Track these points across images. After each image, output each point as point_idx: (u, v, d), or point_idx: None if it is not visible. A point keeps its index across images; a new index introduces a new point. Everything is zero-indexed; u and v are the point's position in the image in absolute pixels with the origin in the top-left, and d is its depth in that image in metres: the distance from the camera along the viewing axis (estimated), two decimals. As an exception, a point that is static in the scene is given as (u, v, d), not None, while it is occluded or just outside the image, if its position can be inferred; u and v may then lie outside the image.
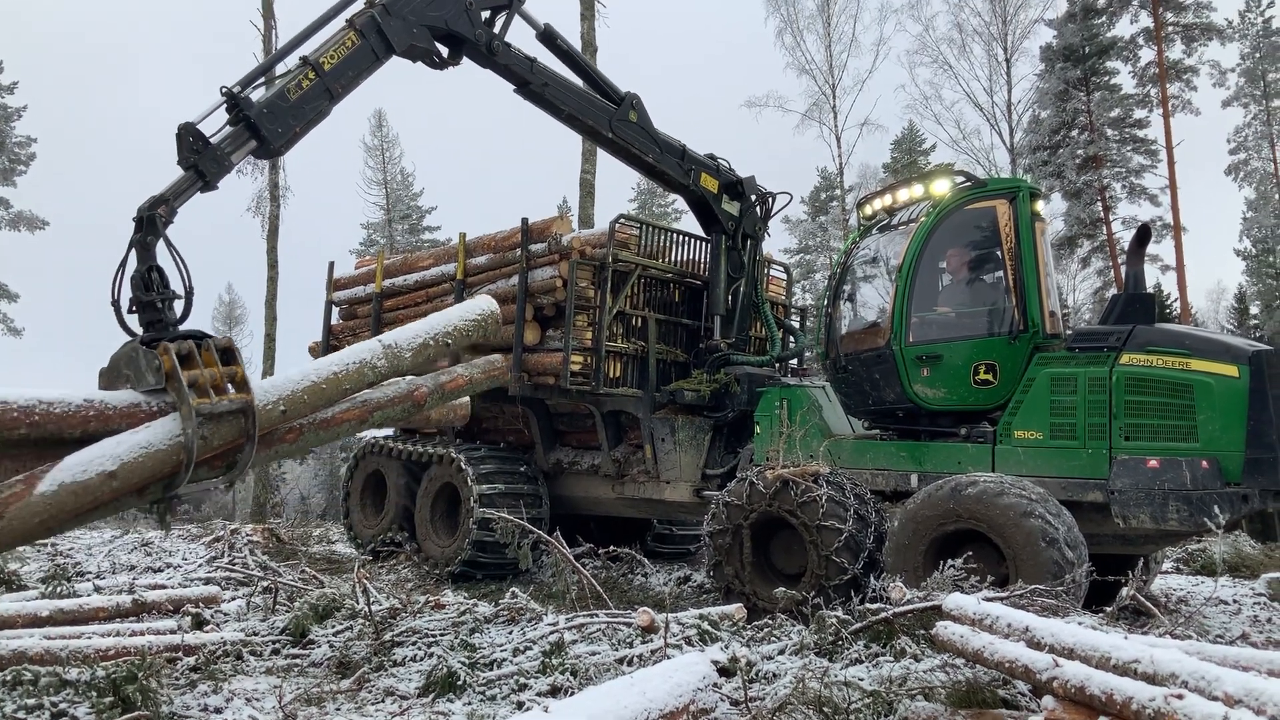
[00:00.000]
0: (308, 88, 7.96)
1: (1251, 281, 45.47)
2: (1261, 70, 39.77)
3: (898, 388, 8.68)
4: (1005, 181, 9.06)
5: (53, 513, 5.55)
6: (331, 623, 7.41)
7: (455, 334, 7.58)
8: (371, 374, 6.98)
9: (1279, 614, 8.65)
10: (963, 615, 4.83)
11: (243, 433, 6.10)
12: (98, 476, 5.57)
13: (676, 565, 12.02)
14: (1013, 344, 8.29)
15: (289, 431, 6.65)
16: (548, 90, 9.77)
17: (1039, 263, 8.42)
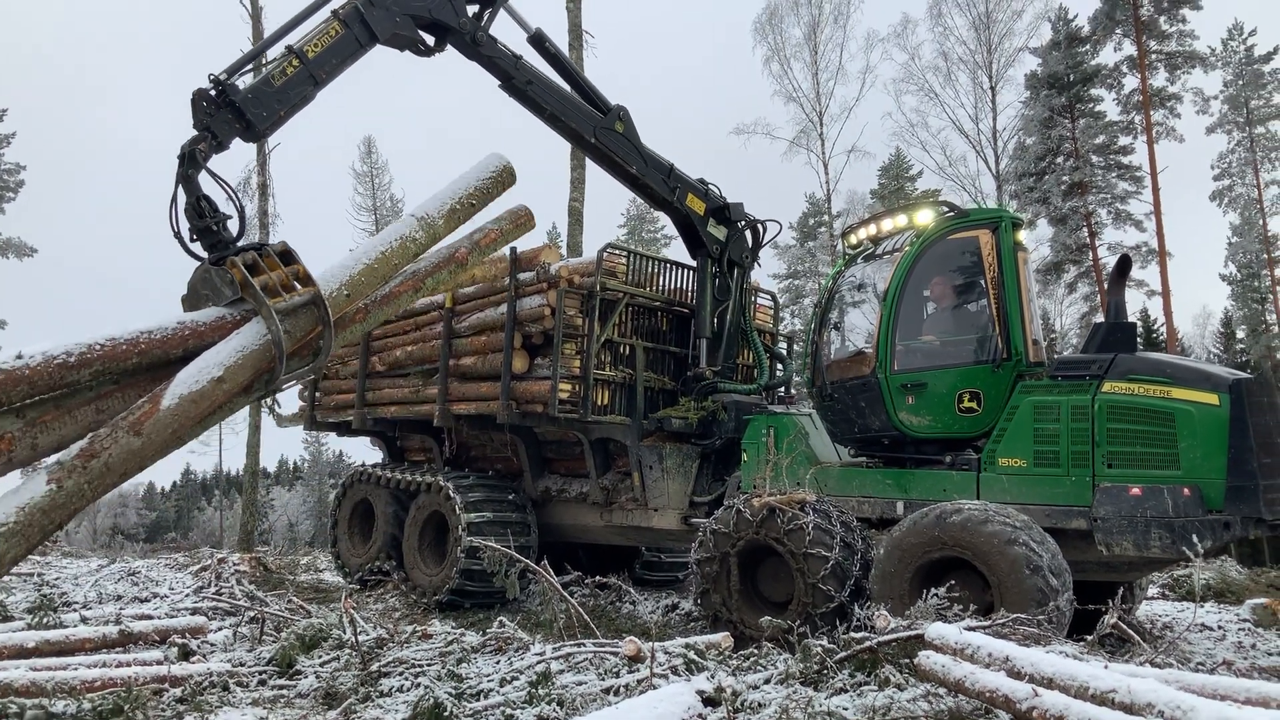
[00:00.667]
0: (291, 74, 8.29)
1: (1237, 306, 45.74)
2: (1244, 97, 40.15)
3: (883, 415, 8.74)
4: (987, 212, 9.18)
5: (181, 421, 6.51)
6: (318, 653, 7.41)
7: (477, 194, 8.23)
8: (414, 247, 7.79)
9: (1263, 640, 8.70)
10: (945, 644, 4.86)
11: (319, 320, 6.98)
12: (209, 383, 6.53)
13: (664, 593, 12.03)
14: (996, 372, 8.37)
15: (357, 313, 7.60)
16: (531, 88, 9.91)
17: (1021, 291, 8.52)
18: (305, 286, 6.93)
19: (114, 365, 6.60)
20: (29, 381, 6.24)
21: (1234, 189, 41.45)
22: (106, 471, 6.17)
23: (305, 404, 13.89)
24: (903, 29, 37.60)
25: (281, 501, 75.17)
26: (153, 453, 6.46)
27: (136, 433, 6.26)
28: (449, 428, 11.99)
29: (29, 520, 5.74)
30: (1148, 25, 34.48)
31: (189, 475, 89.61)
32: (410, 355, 12.26)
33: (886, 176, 48.31)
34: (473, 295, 11.57)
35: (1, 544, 5.68)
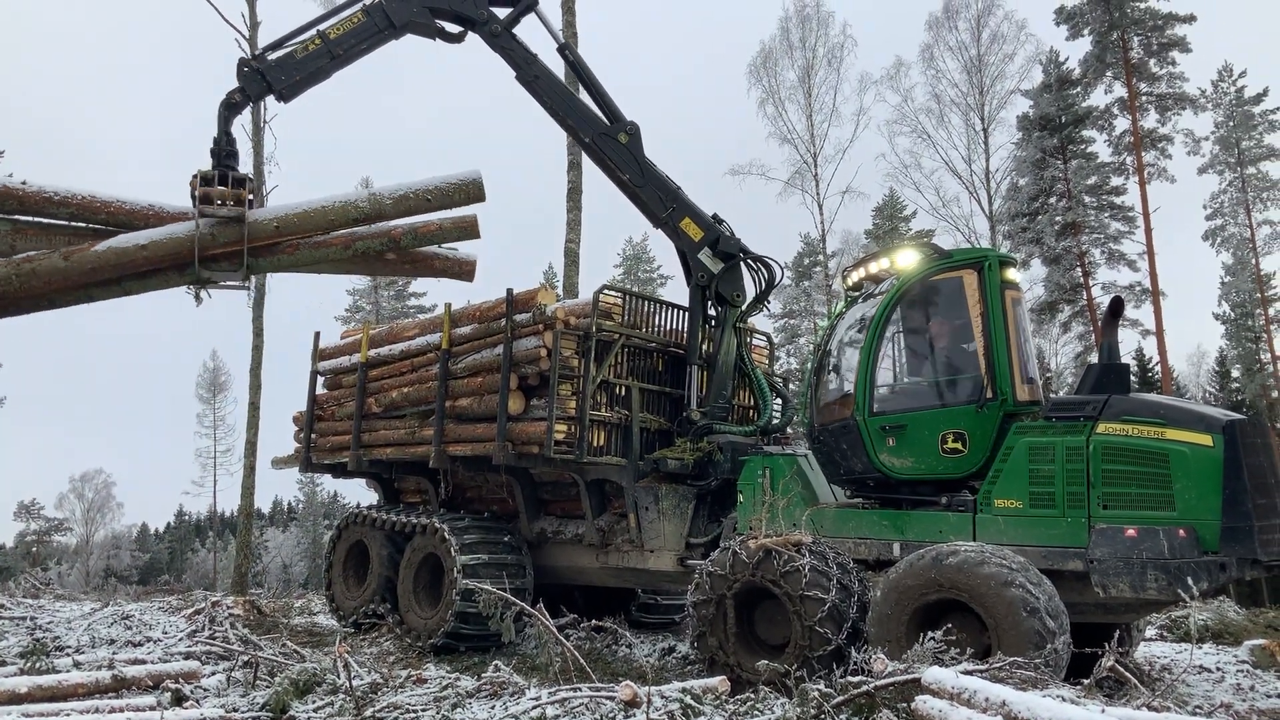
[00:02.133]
0: (312, 50, 10.37)
1: (1231, 345, 45.88)
2: (1235, 138, 40.51)
3: (864, 458, 8.83)
4: (972, 252, 9.21)
5: (97, 264, 8.89)
6: (312, 698, 7.35)
7: (435, 192, 9.41)
8: (355, 211, 9.36)
9: (1262, 682, 8.66)
10: (942, 689, 4.85)
11: (239, 236, 9.09)
12: (133, 246, 8.95)
13: (661, 635, 11.95)
14: (981, 412, 8.37)
15: (289, 246, 9.49)
16: (538, 82, 10.79)
17: (1009, 330, 8.53)
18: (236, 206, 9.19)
19: (87, 214, 9.16)
20: (19, 199, 8.96)
21: (1226, 229, 41.71)
22: (33, 274, 8.81)
23: (300, 446, 13.86)
24: (895, 71, 38.01)
25: (276, 543, 74.71)
26: (73, 277, 8.87)
27: (65, 258, 8.87)
28: (445, 469, 11.97)
29: None
30: (1138, 68, 34.87)
31: (182, 516, 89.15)
32: (406, 396, 12.27)
33: (881, 217, 48.60)
34: (469, 336, 11.60)
35: None
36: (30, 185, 9.04)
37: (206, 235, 9.12)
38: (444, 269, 10.38)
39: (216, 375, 61.37)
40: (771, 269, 11.28)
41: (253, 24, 23.00)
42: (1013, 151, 36.84)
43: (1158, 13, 34.61)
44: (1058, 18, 35.96)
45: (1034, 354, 9.23)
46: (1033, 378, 8.94)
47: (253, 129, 22.67)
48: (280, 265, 9.94)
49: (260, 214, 9.42)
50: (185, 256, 9.12)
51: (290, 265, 10.02)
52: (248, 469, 21.85)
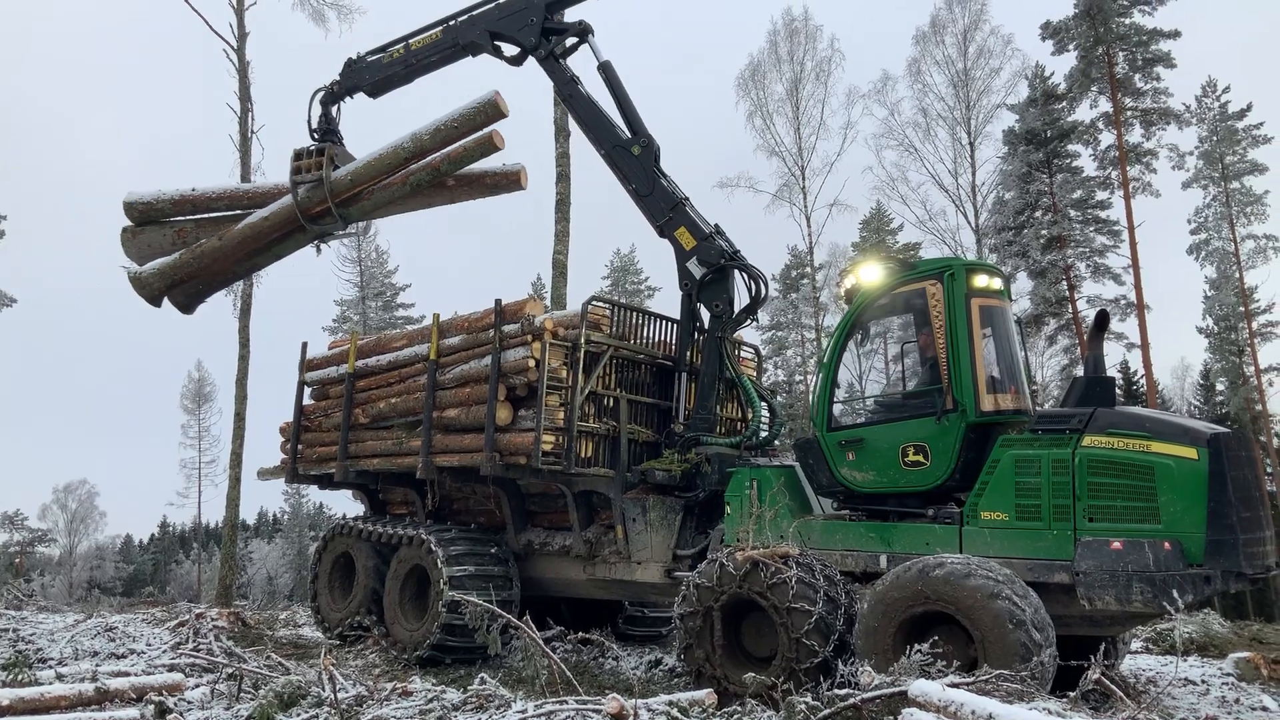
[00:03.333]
0: (396, 57, 12.44)
1: (1215, 359, 46.13)
2: (1219, 153, 40.82)
3: (827, 472, 8.98)
4: (936, 262, 9.20)
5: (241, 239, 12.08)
6: (297, 711, 7.31)
7: (461, 119, 11.13)
8: (403, 152, 11.35)
9: (1247, 694, 8.68)
10: (928, 702, 4.85)
11: (326, 194, 11.60)
12: (259, 220, 11.94)
13: (648, 648, 11.93)
14: (941, 424, 8.40)
15: (365, 194, 11.77)
16: (572, 101, 11.72)
17: (973, 340, 8.51)
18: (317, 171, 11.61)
19: (235, 202, 12.32)
20: (193, 202, 12.38)
21: (1210, 243, 42.00)
22: (202, 255, 12.22)
23: (287, 457, 13.80)
24: (883, 85, 38.22)
25: (261, 554, 74.37)
26: (229, 252, 12.12)
27: (219, 239, 12.11)
28: (432, 480, 11.94)
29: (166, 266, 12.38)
30: (1123, 83, 35.12)
31: (166, 528, 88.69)
32: (394, 407, 12.24)
33: (868, 230, 48.81)
34: (458, 347, 11.59)
35: (154, 276, 12.46)
36: (197, 190, 12.35)
37: (304, 200, 11.68)
38: (494, 183, 12.12)
39: (202, 386, 61.11)
40: (758, 281, 11.23)
41: (240, 34, 22.97)
42: (999, 165, 37.08)
43: (1143, 28, 34.90)
44: (1044, 33, 36.22)
45: (1021, 362, 9.20)
46: (1017, 387, 8.95)
47: (240, 139, 22.61)
48: (365, 211, 12.16)
49: (339, 172, 11.62)
50: (295, 220, 11.78)
51: (372, 209, 12.14)
52: (233, 480, 21.73)
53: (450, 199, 12.69)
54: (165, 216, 12.56)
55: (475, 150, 11.22)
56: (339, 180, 11.54)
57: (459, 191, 12.41)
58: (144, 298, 13.00)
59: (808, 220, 39.14)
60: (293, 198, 11.67)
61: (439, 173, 11.42)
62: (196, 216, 12.51)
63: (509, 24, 11.81)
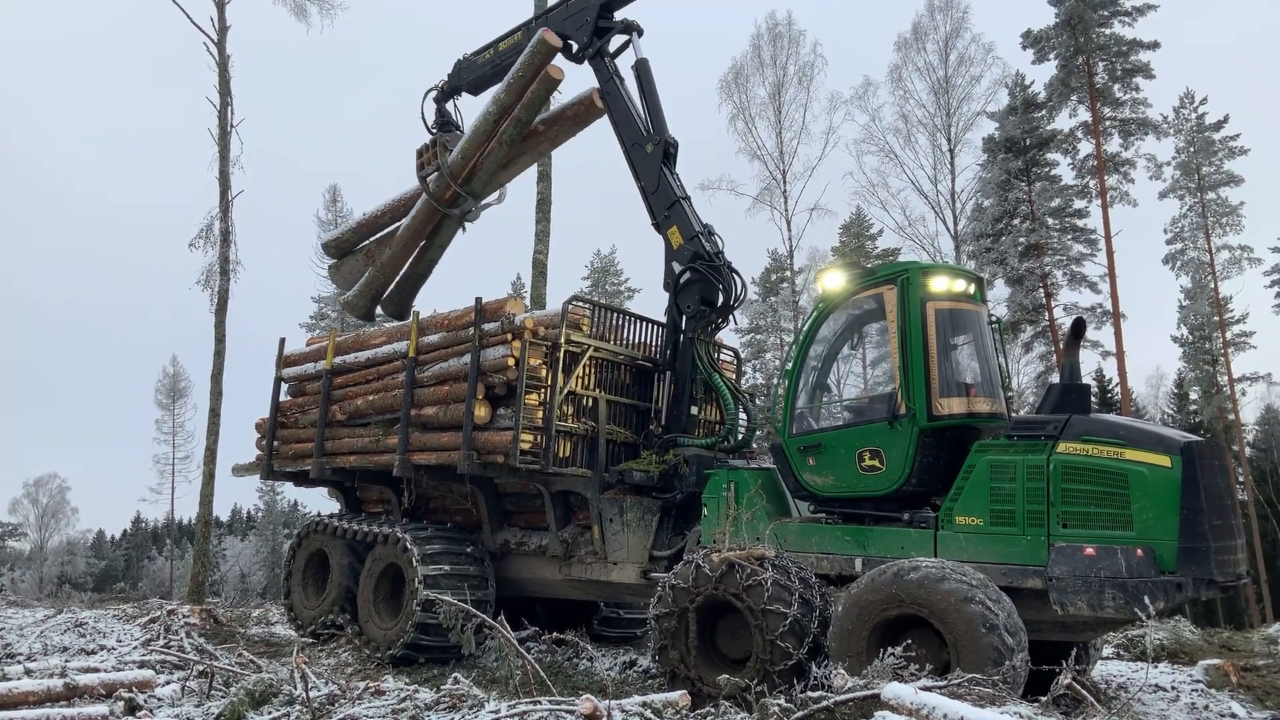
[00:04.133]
0: (488, 58, 13.40)
1: (1189, 368, 46.53)
2: (1196, 164, 41.21)
3: (791, 477, 9.08)
4: (894, 266, 9.25)
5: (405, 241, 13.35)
6: (268, 709, 7.27)
7: (524, 66, 12.04)
8: (490, 116, 12.30)
9: (1216, 701, 8.75)
10: (900, 705, 4.87)
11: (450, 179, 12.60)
12: (411, 219, 13.14)
13: (623, 649, 11.92)
14: (894, 429, 8.46)
15: (476, 166, 12.65)
16: (609, 98, 12.09)
17: (928, 343, 8.56)
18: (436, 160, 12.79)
19: (396, 212, 13.51)
20: (367, 225, 14.10)
21: (1186, 253, 42.40)
22: (384, 266, 13.58)
23: (262, 453, 13.71)
24: (864, 91, 38.40)
25: (234, 552, 73.87)
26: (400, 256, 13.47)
27: (391, 248, 13.51)
28: (408, 478, 11.89)
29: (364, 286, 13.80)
30: (1102, 92, 35.44)
31: (139, 523, 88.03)
32: (371, 404, 12.19)
33: (848, 234, 48.94)
34: (437, 345, 11.55)
35: (359, 297, 13.97)
36: (366, 214, 14.11)
37: (435, 189, 12.73)
38: (575, 115, 12.72)
39: (176, 381, 60.67)
40: (731, 284, 11.13)
41: (221, 28, 22.81)
42: (978, 173, 37.33)
43: (1122, 39, 35.22)
44: (1024, 41, 36.49)
45: (992, 366, 9.20)
46: (983, 390, 8.96)
47: (219, 133, 22.47)
48: (484, 181, 12.86)
49: (451, 155, 12.65)
50: (436, 211, 12.91)
51: (489, 177, 12.86)
52: (206, 476, 21.57)
53: (551, 143, 13.63)
54: (353, 245, 14.31)
55: (541, 90, 12.06)
56: (454, 162, 12.54)
57: (553, 134, 13.25)
58: (358, 317, 15.06)
59: (788, 224, 39.28)
60: (425, 192, 12.80)
61: (522, 122, 12.25)
62: (375, 237, 14.05)
63: (570, 23, 12.48)
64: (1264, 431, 48.10)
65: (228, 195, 22.40)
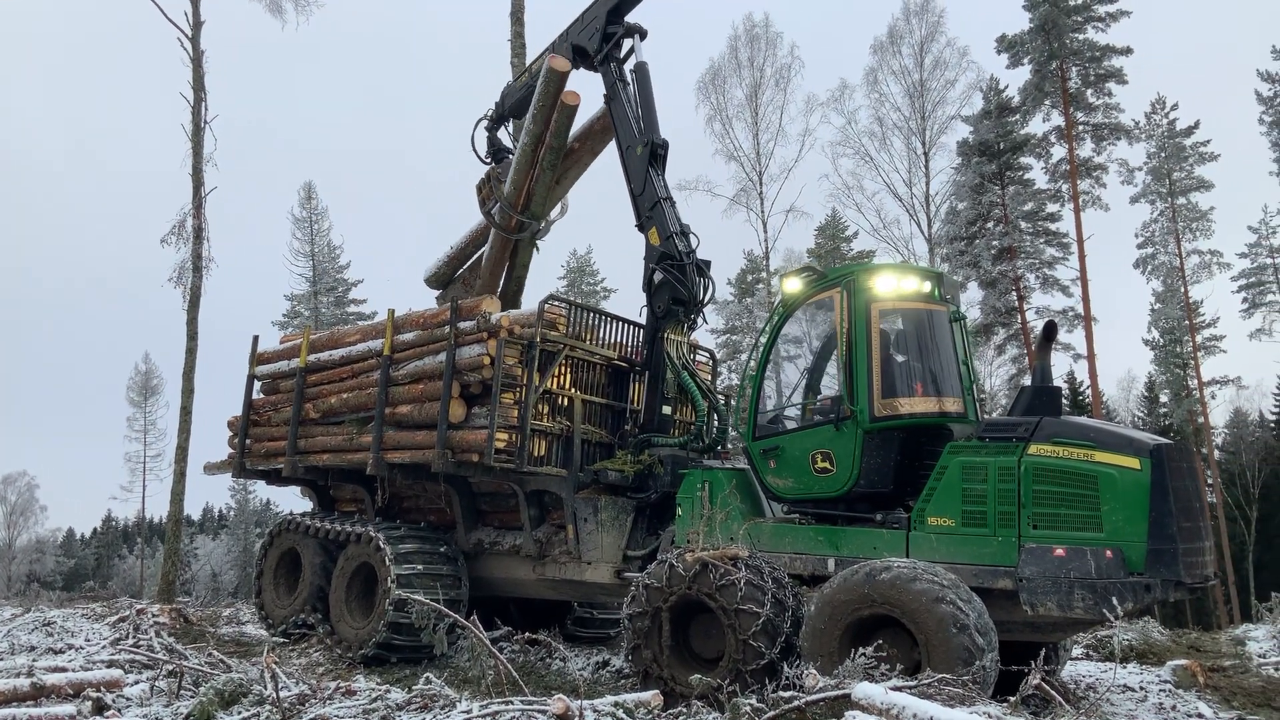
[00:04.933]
0: (524, 80, 13.57)
1: (1160, 371, 46.98)
2: (1167, 169, 41.61)
3: (758, 479, 9.22)
4: (844, 269, 9.36)
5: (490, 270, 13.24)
6: (238, 709, 7.22)
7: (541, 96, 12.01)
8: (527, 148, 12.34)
9: (1183, 701, 8.83)
10: (871, 705, 4.89)
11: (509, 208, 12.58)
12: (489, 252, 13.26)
13: (596, 649, 11.91)
14: (840, 431, 8.55)
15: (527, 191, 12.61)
16: (612, 103, 12.11)
17: (871, 345, 8.62)
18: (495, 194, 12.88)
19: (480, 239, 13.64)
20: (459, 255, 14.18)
21: (1157, 257, 42.81)
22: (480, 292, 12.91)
23: (234, 451, 13.61)
24: (840, 94, 38.60)
25: (205, 550, 73.29)
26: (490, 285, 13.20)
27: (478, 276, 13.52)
28: (382, 477, 11.84)
29: None
30: (1075, 97, 35.75)
31: (110, 522, 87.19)
32: (345, 402, 12.13)
33: (823, 236, 49.17)
34: (412, 343, 11.50)
35: None
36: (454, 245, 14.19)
37: (501, 221, 12.71)
38: (604, 125, 12.62)
39: (148, 378, 60.20)
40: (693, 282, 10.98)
41: (195, 23, 22.64)
42: (952, 176, 37.60)
43: (1096, 44, 35.55)
44: (999, 46, 36.76)
45: (953, 365, 9.17)
46: (938, 390, 8.98)
47: (192, 129, 22.30)
48: (541, 203, 12.86)
49: (506, 188, 12.67)
50: (508, 240, 12.94)
51: (543, 200, 12.90)
52: (178, 474, 21.40)
53: (592, 154, 13.54)
54: (450, 276, 14.38)
55: (562, 117, 12.11)
56: (509, 193, 12.58)
57: (590, 146, 13.28)
58: None
59: (764, 225, 39.44)
60: (492, 225, 12.90)
61: (555, 149, 12.36)
62: (467, 264, 14.16)
63: (584, 35, 12.53)
64: (1233, 434, 48.67)
65: (201, 191, 22.23)
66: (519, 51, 19.82)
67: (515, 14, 20.02)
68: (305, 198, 49.75)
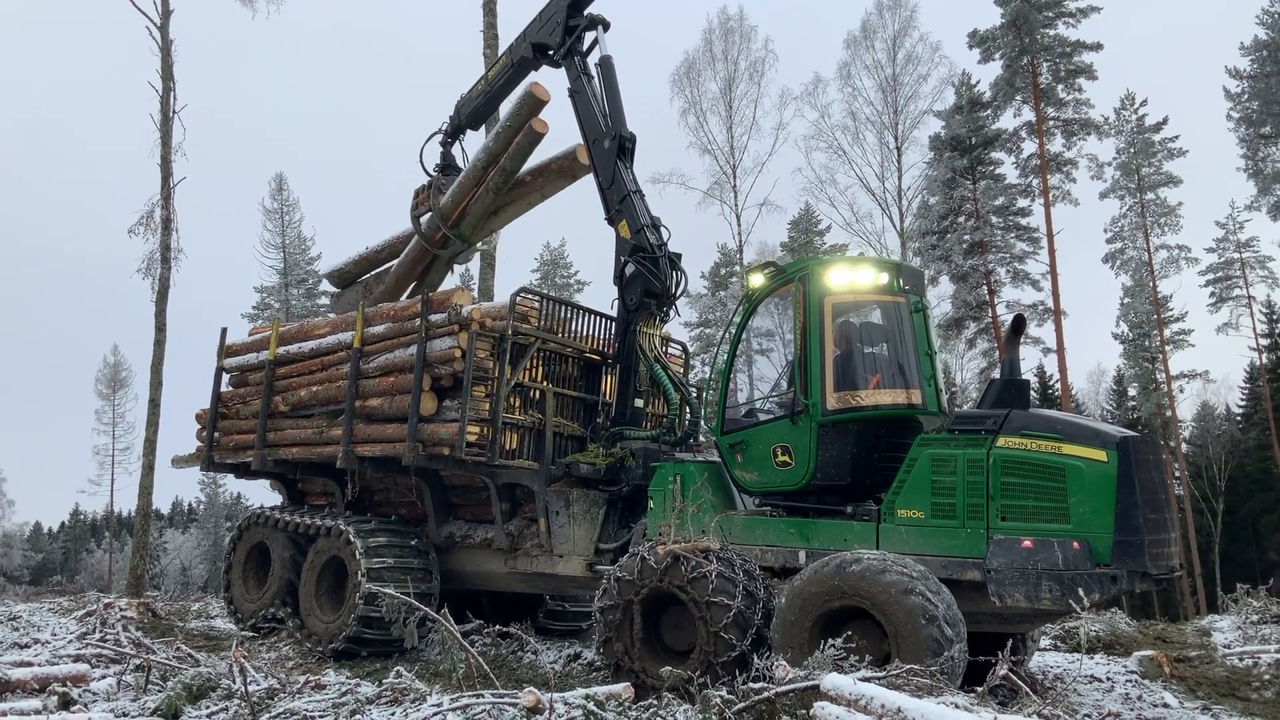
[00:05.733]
0: (479, 89, 13.63)
1: (1128, 364, 47.49)
2: (1136, 165, 41.99)
3: (727, 471, 9.33)
4: (800, 263, 9.39)
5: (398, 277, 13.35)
6: (206, 703, 7.17)
7: (511, 116, 12.10)
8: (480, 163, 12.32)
9: (1149, 691, 8.94)
10: (840, 696, 4.91)
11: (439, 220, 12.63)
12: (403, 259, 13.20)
13: (568, 642, 11.91)
14: (795, 424, 8.63)
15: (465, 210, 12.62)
16: (576, 96, 12.01)
17: (824, 339, 8.68)
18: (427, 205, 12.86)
19: (397, 248, 13.47)
20: (368, 259, 13.95)
21: (1126, 252, 43.24)
22: (375, 301, 12.66)
23: (203, 444, 13.50)
24: (814, 88, 38.70)
25: (175, 545, 72.73)
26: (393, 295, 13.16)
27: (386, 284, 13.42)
28: (352, 470, 11.78)
29: None
30: (1046, 93, 36.01)
31: (78, 515, 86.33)
32: (315, 395, 12.04)
33: (796, 230, 49.32)
34: (382, 335, 11.44)
35: None
36: (369, 248, 13.95)
37: (426, 230, 12.76)
38: (560, 169, 12.63)
39: (117, 371, 59.65)
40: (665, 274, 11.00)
41: (165, 11, 22.38)
42: (924, 170, 37.82)
43: (1066, 40, 35.81)
44: (971, 41, 36.96)
45: (914, 357, 9.09)
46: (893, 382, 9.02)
47: (161, 119, 22.06)
48: (473, 225, 12.80)
49: (444, 198, 12.58)
50: (427, 251, 12.96)
51: (476, 222, 12.81)
52: (146, 468, 21.19)
53: (541, 194, 13.35)
54: (354, 277, 14.25)
55: (525, 142, 12.00)
56: (445, 205, 12.54)
57: (540, 184, 13.10)
58: None
59: (738, 219, 39.47)
60: (417, 232, 12.84)
61: (507, 172, 12.24)
62: (374, 271, 13.96)
63: (544, 31, 12.48)
64: (1200, 428, 49.24)
65: (169, 182, 21.99)
66: (491, 43, 19.77)
67: (487, 4, 19.95)
68: (276, 189, 49.43)
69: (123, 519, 73.44)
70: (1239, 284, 44.52)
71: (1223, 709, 8.15)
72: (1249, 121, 40.60)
